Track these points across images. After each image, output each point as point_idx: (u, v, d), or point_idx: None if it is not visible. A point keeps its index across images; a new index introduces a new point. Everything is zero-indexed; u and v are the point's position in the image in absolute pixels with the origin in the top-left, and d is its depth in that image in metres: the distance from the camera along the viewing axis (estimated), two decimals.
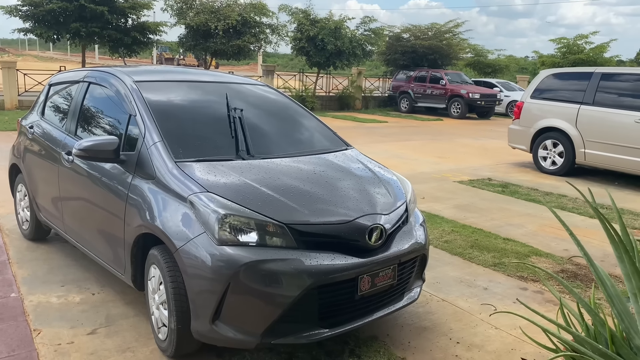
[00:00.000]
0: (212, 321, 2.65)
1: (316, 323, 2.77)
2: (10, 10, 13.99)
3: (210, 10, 15.69)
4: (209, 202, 2.75)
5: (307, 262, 2.67)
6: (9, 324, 3.24)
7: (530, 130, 9.39)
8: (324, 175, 3.28)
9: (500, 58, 27.58)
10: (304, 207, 2.86)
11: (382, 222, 2.99)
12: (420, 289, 3.39)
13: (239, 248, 2.64)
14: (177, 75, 4.22)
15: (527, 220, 6.13)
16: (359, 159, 3.82)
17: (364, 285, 2.85)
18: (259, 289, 2.61)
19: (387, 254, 2.95)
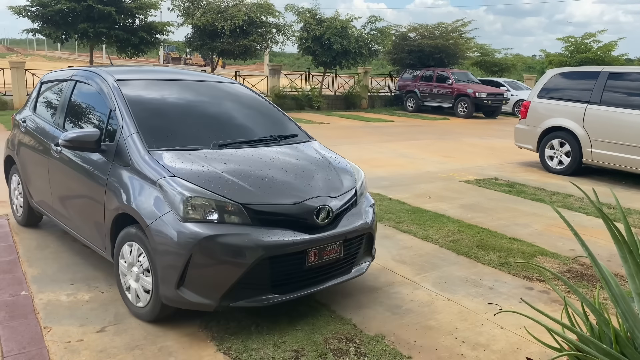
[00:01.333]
0: (177, 287, 3.06)
1: (269, 289, 3.20)
2: (19, 11, 14.10)
3: (217, 10, 15.74)
4: (175, 185, 3.16)
5: (259, 237, 3.09)
6: (19, 321, 3.29)
7: (537, 130, 9.37)
8: (282, 163, 3.69)
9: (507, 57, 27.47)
10: (259, 189, 3.29)
11: (329, 203, 3.41)
12: (368, 264, 3.82)
13: (199, 224, 3.05)
14: (156, 74, 4.68)
15: (534, 220, 6.13)
16: (318, 149, 4.20)
17: (311, 258, 3.29)
18: (217, 259, 3.04)
19: (334, 232, 3.40)
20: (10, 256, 4.33)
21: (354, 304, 3.73)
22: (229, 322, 3.34)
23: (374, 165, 9.09)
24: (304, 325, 3.35)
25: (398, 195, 6.90)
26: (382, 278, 4.23)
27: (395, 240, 5.15)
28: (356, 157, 9.82)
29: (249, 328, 3.29)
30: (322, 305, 3.65)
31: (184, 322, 3.36)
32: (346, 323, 3.43)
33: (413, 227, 5.56)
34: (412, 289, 4.04)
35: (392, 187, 7.41)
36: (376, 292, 3.96)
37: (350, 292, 3.92)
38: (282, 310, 3.52)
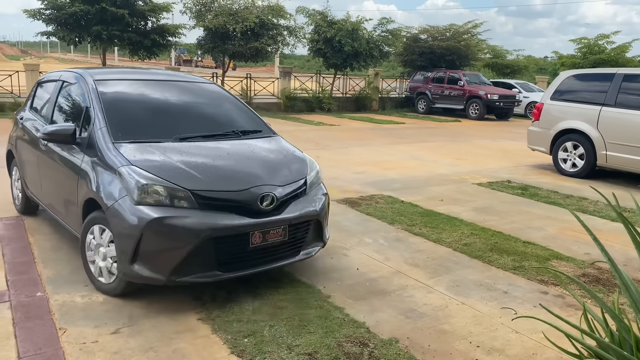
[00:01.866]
0: (131, 262, 3.42)
1: (214, 267, 3.53)
2: (34, 14, 14.25)
3: (228, 12, 15.79)
4: (132, 173, 3.54)
5: (203, 220, 3.44)
6: (35, 322, 3.32)
7: (550, 132, 9.29)
8: (236, 155, 4.08)
9: (519, 58, 27.32)
10: (208, 178, 3.64)
11: (274, 191, 3.75)
12: (318, 249, 4.15)
13: (150, 207, 3.42)
14: (135, 75, 5.09)
15: (547, 223, 6.07)
16: (277, 143, 4.56)
17: (255, 240, 3.62)
18: (165, 239, 3.40)
19: (278, 217, 3.73)
20: (26, 257, 4.37)
21: (367, 307, 3.72)
22: (242, 325, 3.34)
23: (385, 167, 9.06)
24: (317, 329, 3.34)
25: (410, 198, 6.88)
26: (396, 281, 4.21)
27: (408, 244, 5.13)
28: (367, 159, 9.80)
29: (262, 331, 3.29)
30: (336, 308, 3.64)
31: (198, 324, 3.36)
32: (359, 326, 3.41)
33: (426, 230, 5.53)
34: (426, 293, 4.02)
35: (404, 190, 7.38)
36: (389, 295, 3.94)
37: (363, 296, 3.90)
38: (295, 312, 3.52)
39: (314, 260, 4.54)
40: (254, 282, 3.99)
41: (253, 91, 18.38)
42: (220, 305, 3.61)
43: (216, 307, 3.58)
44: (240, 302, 3.66)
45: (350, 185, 7.56)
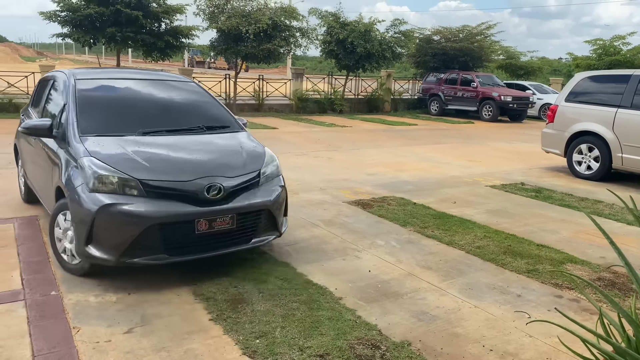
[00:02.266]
0: (85, 244, 3.74)
1: (162, 251, 3.79)
2: (50, 16, 14.41)
3: (241, 14, 15.84)
4: (89, 163, 3.87)
5: (150, 207, 3.71)
6: (49, 321, 3.35)
7: (564, 134, 9.20)
8: (193, 148, 4.36)
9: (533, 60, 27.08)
10: (158, 169, 3.92)
11: (222, 182, 3.97)
12: (272, 238, 4.40)
13: (102, 194, 3.74)
14: (117, 74, 5.55)
15: (562, 226, 6.01)
16: (238, 139, 4.77)
17: (201, 227, 3.86)
18: (114, 223, 3.69)
19: (225, 207, 3.95)
20: (41, 256, 4.42)
21: (379, 309, 3.70)
22: (254, 326, 3.35)
23: (398, 169, 9.03)
24: (329, 330, 3.33)
25: (422, 200, 6.84)
26: (408, 284, 4.18)
27: (421, 246, 5.10)
28: (379, 160, 9.78)
29: (274, 332, 3.29)
30: (348, 310, 3.63)
31: (210, 325, 3.37)
32: (371, 329, 3.40)
33: (438, 233, 5.50)
34: (438, 295, 3.99)
35: (417, 192, 7.34)
36: (401, 297, 3.92)
37: (375, 298, 3.89)
38: (306, 314, 3.52)
39: (326, 262, 4.54)
40: (265, 283, 3.99)
41: (265, 92, 18.42)
42: (232, 305, 3.62)
43: (228, 307, 3.59)
44: (252, 303, 3.66)
45: (362, 186, 7.55)
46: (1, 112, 14.04)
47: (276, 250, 4.78)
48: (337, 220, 5.82)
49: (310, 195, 6.87)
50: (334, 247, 4.98)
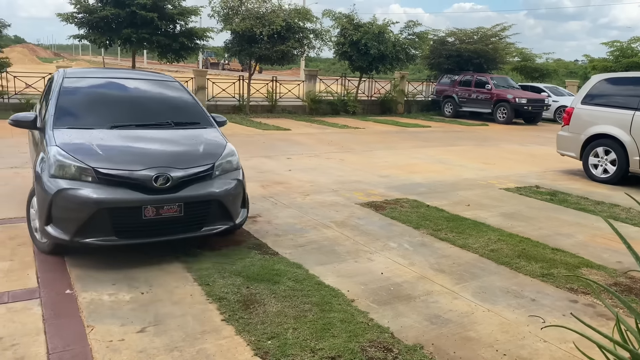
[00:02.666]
0: (45, 224, 4.10)
1: (112, 233, 4.10)
2: (67, 18, 14.58)
3: (255, 16, 15.88)
4: (53, 152, 4.24)
5: (101, 193, 4.04)
6: (64, 319, 3.38)
7: (580, 137, 9.09)
8: (153, 141, 4.71)
9: (549, 62, 26.79)
10: (113, 158, 4.25)
11: (171, 173, 4.24)
12: (224, 228, 4.57)
13: (61, 180, 4.09)
14: (105, 73, 6.05)
15: (577, 230, 5.93)
16: (204, 134, 5.08)
17: (148, 213, 4.14)
18: (68, 206, 4.03)
19: (172, 195, 4.22)
20: (56, 255, 4.45)
21: (392, 312, 3.69)
22: (266, 327, 3.35)
23: (411, 171, 8.99)
24: (341, 332, 3.32)
25: (436, 202, 6.80)
26: (421, 287, 4.16)
27: (434, 249, 5.07)
28: (392, 162, 9.75)
29: (286, 333, 3.28)
30: (360, 313, 3.62)
31: (222, 325, 3.38)
32: (384, 331, 3.38)
33: (452, 235, 5.46)
34: (451, 299, 3.96)
35: (430, 194, 7.31)
36: (414, 300, 3.90)
37: (387, 300, 3.87)
38: (318, 315, 3.51)
39: (338, 263, 4.54)
40: (277, 284, 3.99)
41: (278, 94, 18.46)
42: (244, 306, 3.62)
43: (240, 308, 3.60)
44: (264, 304, 3.67)
45: (375, 188, 7.52)
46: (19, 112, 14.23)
47: (288, 252, 4.78)
48: (349, 222, 5.81)
49: (323, 197, 6.87)
50: (346, 248, 4.97)
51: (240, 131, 13.28)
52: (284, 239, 5.14)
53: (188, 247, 4.69)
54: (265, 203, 6.41)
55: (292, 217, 5.90)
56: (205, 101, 16.74)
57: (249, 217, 5.74)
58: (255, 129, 13.86)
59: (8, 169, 7.53)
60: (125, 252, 4.54)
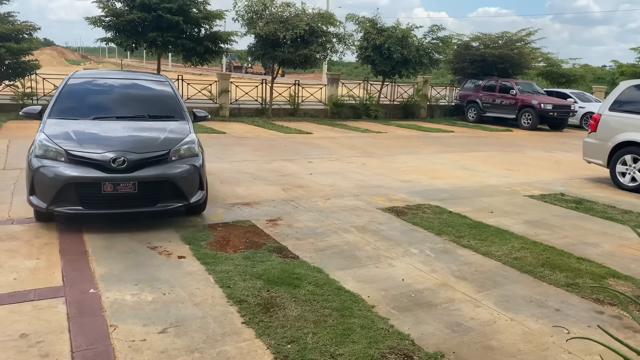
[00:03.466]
0: (29, 195, 5.02)
1: (78, 204, 4.94)
2: (95, 21, 14.86)
3: (279, 20, 15.95)
4: (39, 137, 5.17)
5: (69, 170, 4.88)
6: (88, 318, 3.43)
7: (607, 144, 8.91)
8: (123, 130, 5.48)
9: (575, 67, 26.37)
10: (83, 143, 5.08)
11: (127, 156, 4.97)
12: (177, 206, 5.27)
13: (40, 159, 4.98)
14: (108, 74, 6.94)
15: (604, 239, 5.81)
16: (171, 126, 5.74)
17: (106, 188, 4.92)
18: (44, 180, 4.90)
19: (126, 175, 4.96)
20: (81, 255, 4.54)
21: (412, 318, 3.65)
22: (286, 331, 3.35)
23: (433, 176, 8.92)
24: (361, 338, 3.31)
25: (458, 209, 6.73)
26: (442, 294, 4.12)
27: (456, 256, 5.02)
28: (414, 167, 9.68)
29: (306, 338, 3.28)
30: (380, 319, 3.60)
31: (242, 328, 3.40)
32: (404, 338, 3.35)
33: (474, 243, 5.40)
34: (473, 307, 3.91)
35: (452, 200, 7.24)
36: (435, 308, 3.86)
37: (408, 307, 3.84)
38: (338, 321, 3.50)
39: (359, 269, 4.52)
40: (297, 288, 3.99)
41: (300, 97, 18.52)
42: (265, 309, 3.63)
43: (260, 311, 3.61)
44: (284, 308, 3.67)
45: (397, 193, 7.48)
46: None
47: (308, 256, 4.78)
48: (370, 227, 5.79)
49: (344, 201, 6.86)
50: (366, 254, 4.95)
51: (262, 134, 13.35)
52: (304, 243, 5.14)
53: (210, 249, 4.73)
54: (286, 206, 6.43)
55: (312, 220, 5.90)
56: (228, 104, 16.88)
57: (270, 220, 5.78)
58: (277, 132, 13.92)
59: None
60: (145, 254, 4.60)
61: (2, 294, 3.72)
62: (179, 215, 5.69)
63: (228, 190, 7.07)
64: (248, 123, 15.49)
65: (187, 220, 5.62)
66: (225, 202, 6.50)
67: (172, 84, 6.66)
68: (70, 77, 6.34)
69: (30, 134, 10.92)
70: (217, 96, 16.88)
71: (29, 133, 11.10)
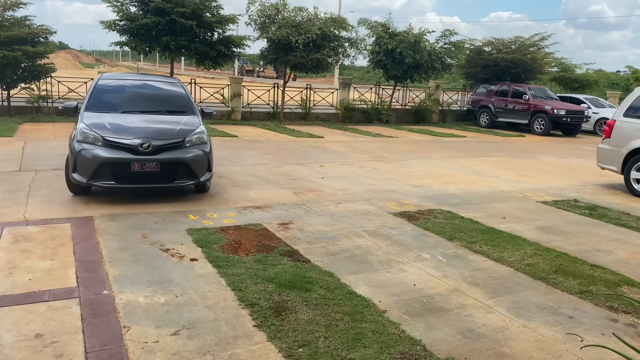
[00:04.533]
0: (72, 172, 6.14)
1: (112, 179, 6.11)
2: (109, 25, 15.02)
3: (291, 24, 16.01)
4: (80, 126, 6.33)
5: (105, 153, 6.03)
6: (101, 319, 3.47)
7: (622, 151, 8.82)
8: (146, 121, 6.63)
9: (589, 73, 26.10)
10: (116, 131, 6.26)
11: (152, 142, 6.14)
12: (189, 183, 6.53)
13: (83, 143, 6.11)
14: (129, 76, 8.37)
15: (617, 246, 5.75)
16: (185, 119, 6.94)
17: (134, 167, 6.08)
18: (85, 159, 6.03)
19: (151, 157, 6.12)
20: (94, 256, 4.59)
21: (424, 324, 3.65)
22: (297, 334, 3.36)
23: (445, 181, 8.89)
24: (372, 343, 3.30)
25: (470, 214, 6.70)
26: (454, 300, 4.10)
27: (467, 261, 4.99)
28: (426, 172, 9.66)
29: (317, 342, 3.29)
30: (391, 324, 3.59)
31: (254, 331, 3.41)
32: (415, 344, 3.35)
33: (486, 248, 5.37)
34: (485, 313, 3.89)
35: (464, 205, 7.21)
36: (447, 313, 3.85)
37: (420, 312, 3.83)
38: (350, 325, 3.50)
39: (370, 273, 4.51)
40: (309, 292, 4.00)
41: (312, 101, 18.56)
42: (276, 313, 3.64)
43: (272, 314, 3.62)
44: (295, 311, 3.68)
45: (408, 198, 7.47)
46: (62, 115, 14.70)
47: (320, 260, 4.79)
48: (381, 232, 5.78)
49: (355, 205, 6.86)
50: (378, 258, 4.94)
51: (273, 138, 13.39)
52: (315, 247, 5.15)
53: (222, 252, 4.75)
54: (297, 210, 6.45)
55: (324, 224, 5.91)
56: (240, 108, 16.96)
57: (281, 224, 5.81)
58: (288, 136, 13.95)
59: (50, 171, 7.79)
60: (158, 256, 4.64)
61: (18, 294, 3.77)
62: (190, 219, 5.71)
63: (240, 194, 7.10)
64: (259, 127, 15.55)
65: (200, 223, 5.66)
66: (237, 205, 6.53)
67: (183, 85, 7.97)
68: (99, 78, 7.61)
69: (45, 136, 11.10)
70: (229, 100, 16.97)
71: (43, 135, 11.26)
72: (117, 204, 6.24)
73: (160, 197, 6.65)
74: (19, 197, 6.30)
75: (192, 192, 7.02)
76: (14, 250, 4.59)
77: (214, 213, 6.11)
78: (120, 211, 5.96)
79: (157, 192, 6.78)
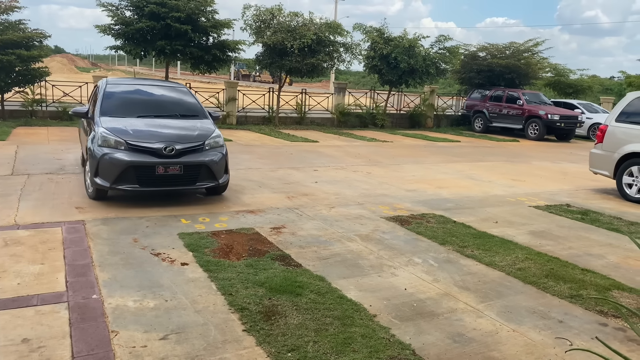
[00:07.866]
0: (94, 176, 6.21)
1: (136, 183, 6.21)
2: (104, 29, 15.01)
3: (287, 29, 16.04)
4: (100, 131, 6.40)
5: (129, 156, 6.16)
6: (90, 324, 3.45)
7: (614, 156, 8.87)
8: (164, 126, 6.80)
9: (583, 78, 26.24)
10: (138, 135, 6.39)
11: (175, 146, 6.33)
12: (210, 185, 6.66)
13: (104, 148, 6.22)
14: (135, 81, 8.33)
15: (609, 250, 5.77)
16: (199, 123, 7.18)
17: (159, 170, 6.24)
18: (109, 164, 6.13)
19: (175, 160, 6.31)
20: (85, 260, 4.57)
21: (414, 328, 3.64)
22: (286, 339, 3.35)
23: (438, 186, 8.91)
24: (361, 347, 3.30)
25: (463, 219, 6.71)
26: (444, 304, 4.10)
27: (459, 266, 5.00)
28: (419, 177, 9.67)
29: (306, 346, 3.28)
30: (381, 328, 3.59)
31: (243, 335, 3.40)
32: (405, 348, 3.34)
33: (478, 253, 5.38)
34: (475, 317, 3.89)
35: (457, 210, 7.22)
36: (437, 318, 3.85)
37: (410, 317, 3.83)
38: (339, 329, 3.49)
39: (361, 277, 4.51)
40: (299, 296, 3.99)
41: (307, 106, 18.58)
42: (266, 317, 3.63)
43: (261, 319, 3.61)
44: (285, 316, 3.67)
45: (401, 202, 7.48)
46: (56, 119, 14.68)
47: (311, 264, 4.78)
48: (374, 236, 5.78)
49: (348, 210, 6.86)
50: (369, 262, 4.94)
51: (268, 142, 13.40)
52: (307, 251, 5.14)
53: (213, 256, 4.74)
54: (290, 214, 6.44)
55: (316, 229, 5.91)
56: (235, 112, 16.96)
57: (274, 228, 5.80)
58: (283, 140, 13.96)
59: (43, 175, 7.77)
60: (149, 260, 4.63)
61: (6, 298, 3.75)
62: (182, 223, 5.70)
63: (233, 198, 7.09)
64: (255, 131, 15.55)
65: (192, 227, 5.65)
66: (230, 209, 6.52)
67: (189, 90, 8.25)
68: (105, 83, 7.63)
69: (38, 140, 11.07)
70: (225, 104, 16.97)
71: (37, 139, 11.22)
72: (109, 208, 6.22)
73: (153, 201, 6.63)
74: (10, 201, 6.27)
75: (185, 195, 7.01)
76: (3, 255, 4.56)
77: (207, 217, 6.10)
78: (112, 215, 5.94)
79: (152, 196, 6.76)
